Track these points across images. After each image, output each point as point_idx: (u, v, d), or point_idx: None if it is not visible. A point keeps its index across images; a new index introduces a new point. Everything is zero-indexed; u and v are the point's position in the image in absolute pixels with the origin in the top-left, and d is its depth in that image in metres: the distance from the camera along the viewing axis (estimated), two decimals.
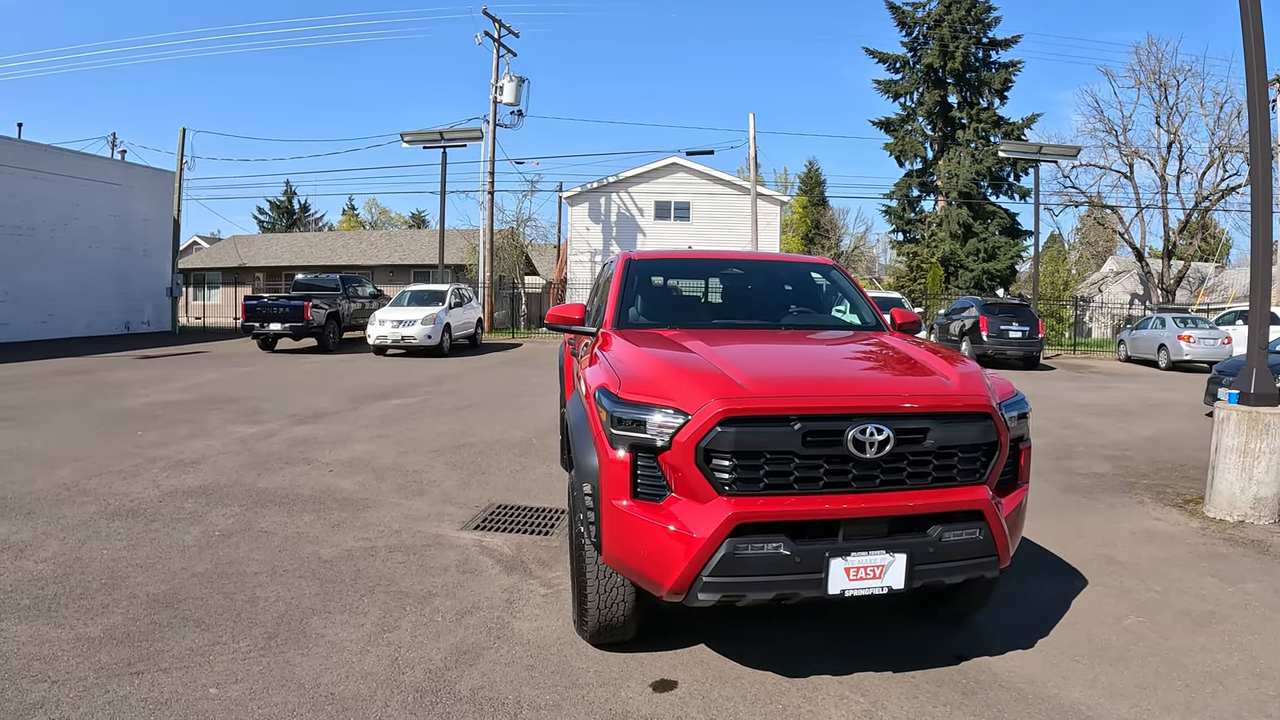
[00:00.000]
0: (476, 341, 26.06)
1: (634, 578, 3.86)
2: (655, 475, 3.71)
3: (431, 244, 46.54)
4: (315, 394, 14.20)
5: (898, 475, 3.71)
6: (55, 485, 7.48)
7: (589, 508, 3.96)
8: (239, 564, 5.56)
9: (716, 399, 3.60)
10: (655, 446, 3.67)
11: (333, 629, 4.58)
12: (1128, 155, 42.32)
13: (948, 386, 3.97)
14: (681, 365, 4.15)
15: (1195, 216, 42.41)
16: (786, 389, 3.83)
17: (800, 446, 3.58)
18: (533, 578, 5.49)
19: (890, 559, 3.62)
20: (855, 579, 3.60)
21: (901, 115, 47.89)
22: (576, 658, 4.28)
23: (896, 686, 4.00)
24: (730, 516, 3.51)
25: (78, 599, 4.86)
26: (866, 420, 3.60)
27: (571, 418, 4.61)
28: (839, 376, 4.40)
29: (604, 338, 5.25)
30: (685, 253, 7.84)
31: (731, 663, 4.24)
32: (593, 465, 3.94)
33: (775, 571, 3.56)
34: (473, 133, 30.68)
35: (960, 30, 44.43)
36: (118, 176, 29.45)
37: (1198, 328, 25.25)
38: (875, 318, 5.93)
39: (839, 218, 69.17)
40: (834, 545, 3.61)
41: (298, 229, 73.51)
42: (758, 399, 3.65)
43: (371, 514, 6.89)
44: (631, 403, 3.78)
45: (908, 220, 48.86)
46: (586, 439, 4.13)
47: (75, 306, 26.81)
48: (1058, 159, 35.15)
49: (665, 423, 3.65)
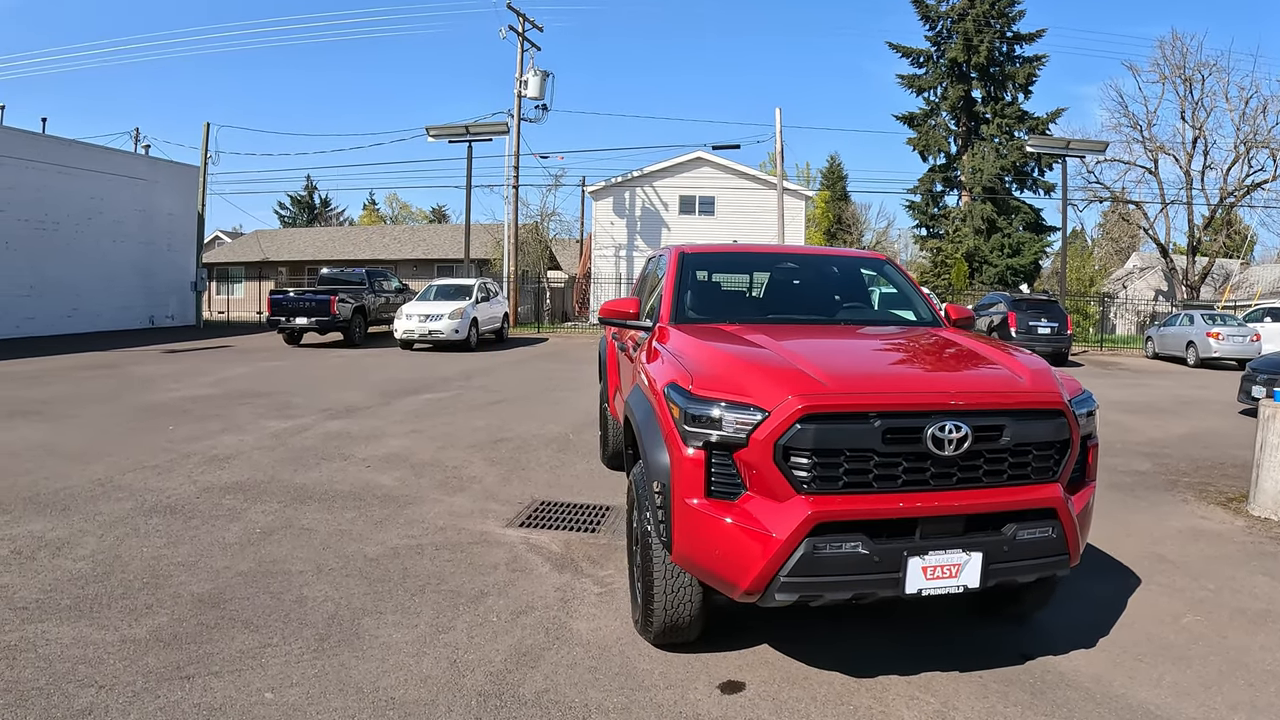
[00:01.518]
0: (503, 336, 25.91)
1: (706, 578, 3.79)
2: (730, 473, 3.64)
3: (454, 238, 46.49)
4: (345, 389, 14.07)
5: (974, 473, 3.65)
6: (89, 481, 7.36)
7: (659, 506, 3.89)
8: (283, 562, 5.42)
9: (796, 396, 3.53)
10: (731, 444, 3.60)
11: (386, 630, 4.44)
12: (1153, 150, 41.82)
13: (1021, 383, 3.90)
14: (755, 360, 4.06)
15: (1220, 212, 41.84)
16: (866, 385, 3.77)
17: (880, 444, 3.52)
18: (584, 576, 5.37)
19: (966, 558, 3.57)
20: (932, 578, 3.56)
21: (925, 110, 47.53)
22: (640, 659, 4.17)
23: (965, 686, 3.93)
24: (810, 515, 3.44)
25: (120, 599, 4.72)
26: (945, 417, 3.55)
27: (637, 414, 4.47)
28: (915, 373, 4.31)
29: (662, 332, 5.16)
30: (738, 246, 7.72)
31: (798, 663, 4.14)
32: (663, 463, 3.85)
33: (853, 571, 3.51)
34: (498, 127, 30.54)
35: (984, 24, 44.02)
36: (142, 171, 29.43)
37: (1226, 325, 24.93)
38: (932, 313, 5.82)
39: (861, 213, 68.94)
40: (912, 544, 3.56)
41: (319, 224, 73.65)
42: (838, 395, 3.58)
43: (414, 511, 6.75)
44: (706, 399, 3.70)
45: (931, 216, 48.49)
46: (655, 436, 4.03)
47: (100, 301, 26.80)
48: (1085, 154, 34.67)
49: (742, 419, 3.58)
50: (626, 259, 37.58)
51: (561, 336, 29.99)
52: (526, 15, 33.04)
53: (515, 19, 32.88)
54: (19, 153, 24.33)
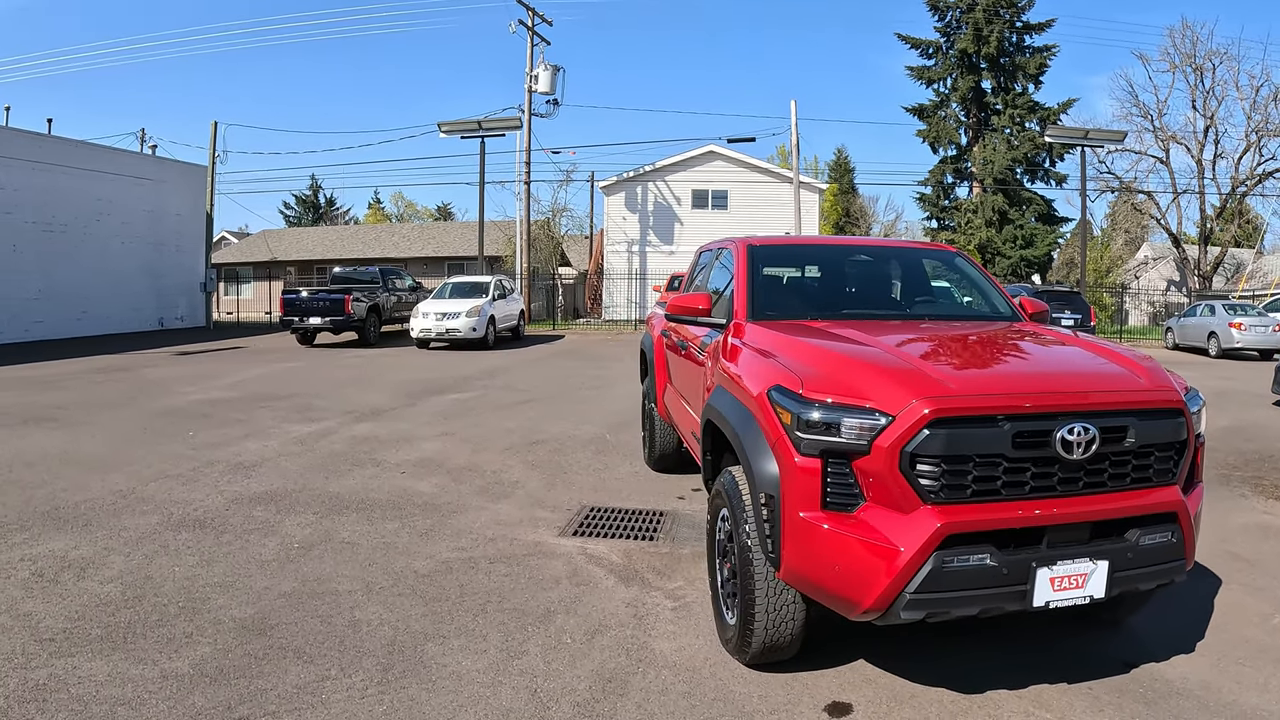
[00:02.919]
0: (519, 334, 25.50)
1: (819, 595, 3.52)
2: (847, 482, 3.39)
3: (463, 236, 46.12)
4: (366, 390, 13.68)
5: (1099, 477, 3.46)
6: (110, 492, 6.98)
7: (765, 519, 3.61)
8: (328, 581, 5.03)
9: (923, 399, 3.29)
10: (850, 451, 3.36)
11: (453, 656, 4.07)
12: (1164, 140, 41.33)
13: (1142, 382, 3.71)
14: (867, 360, 3.80)
15: (1231, 202, 41.36)
16: (993, 386, 3.54)
17: (1009, 449, 3.30)
18: (653, 589, 5.02)
19: (1092, 566, 3.39)
20: (1059, 589, 3.36)
21: (935, 102, 47.07)
22: (734, 681, 3.87)
23: (1078, 699, 3.73)
24: (941, 527, 3.21)
25: (155, 627, 4.33)
26: (1073, 419, 3.36)
27: (731, 418, 4.14)
28: (1038, 373, 3.98)
29: (739, 328, 4.89)
30: (806, 239, 7.43)
31: (902, 680, 3.90)
32: (771, 472, 3.58)
33: (981, 585, 3.29)
34: (511, 122, 30.13)
35: (993, 15, 43.55)
36: (149, 171, 28.99)
37: (1248, 315, 24.63)
38: (1011, 307, 5.54)
39: (869, 205, 68.47)
40: (1039, 554, 3.35)
41: (324, 223, 73.24)
42: (966, 398, 3.35)
43: (458, 520, 6.37)
44: (821, 403, 3.44)
45: (942, 208, 48.06)
46: (759, 442, 3.73)
47: (109, 303, 26.37)
48: (1103, 143, 34.21)
49: (864, 425, 3.33)
50: (640, 254, 37.16)
51: (577, 334, 29.59)
52: (536, 9, 32.65)
53: (525, 13, 32.50)
54: (25, 154, 23.93)
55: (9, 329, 23.04)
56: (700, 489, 7.36)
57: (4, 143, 23.71)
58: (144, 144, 35.60)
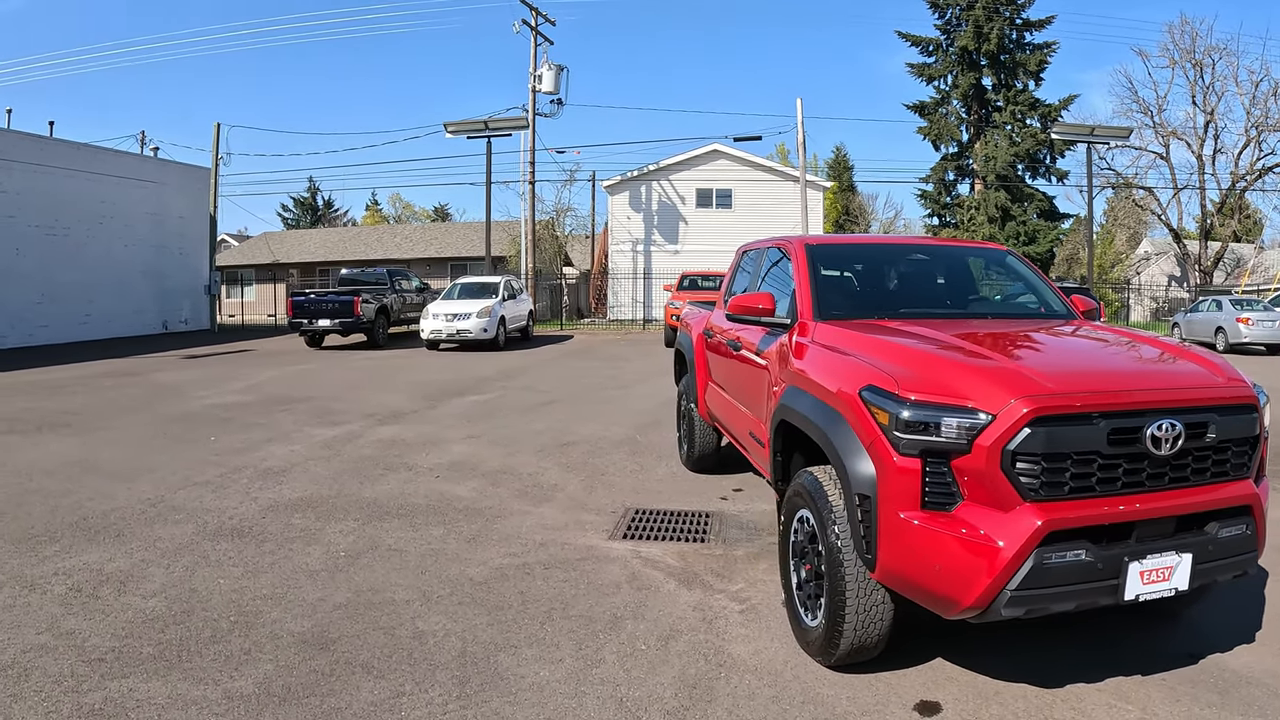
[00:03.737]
0: (528, 334, 25.33)
1: (916, 594, 3.54)
2: (944, 481, 3.41)
3: (465, 236, 45.92)
4: (383, 392, 13.50)
5: (1183, 472, 3.53)
6: (139, 501, 6.78)
7: (860, 520, 3.60)
8: (383, 590, 4.85)
9: (1023, 397, 3.32)
10: (950, 450, 3.37)
11: (529, 667, 3.92)
12: (1164, 136, 41.32)
13: (1219, 379, 3.78)
14: (960, 360, 3.81)
15: (1231, 197, 41.29)
16: (1089, 385, 3.54)
17: (1105, 445, 3.35)
18: (716, 592, 4.91)
19: (1178, 559, 3.44)
20: (1148, 583, 3.41)
21: (936, 99, 46.82)
22: (819, 684, 3.82)
23: (1155, 691, 3.77)
24: (1043, 524, 3.24)
25: (210, 644, 4.12)
26: (1162, 415, 3.42)
27: (815, 418, 4.08)
28: (1124, 371, 4.02)
29: (807, 328, 4.86)
30: (860, 237, 7.38)
31: (983, 677, 3.88)
32: (867, 472, 3.57)
33: (1078, 580, 3.33)
34: (517, 121, 29.93)
35: (993, 12, 43.38)
36: (152, 174, 28.76)
37: (1255, 310, 24.68)
38: (1065, 305, 5.62)
39: (868, 203, 68.35)
40: (1130, 548, 3.41)
41: (322, 225, 73.01)
42: (1065, 396, 3.38)
43: (504, 525, 6.22)
44: (922, 403, 3.45)
45: (944, 205, 47.84)
46: (851, 442, 3.72)
47: (112, 306, 26.15)
48: (1109, 140, 34.08)
49: (965, 424, 3.35)
50: (644, 254, 36.98)
51: (585, 334, 29.41)
52: (539, 9, 32.43)
53: (528, 13, 32.26)
54: (28, 157, 23.74)
55: (13, 334, 22.86)
56: (742, 489, 7.28)
57: (7, 146, 23.54)
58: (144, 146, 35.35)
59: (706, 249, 35.39)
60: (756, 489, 7.29)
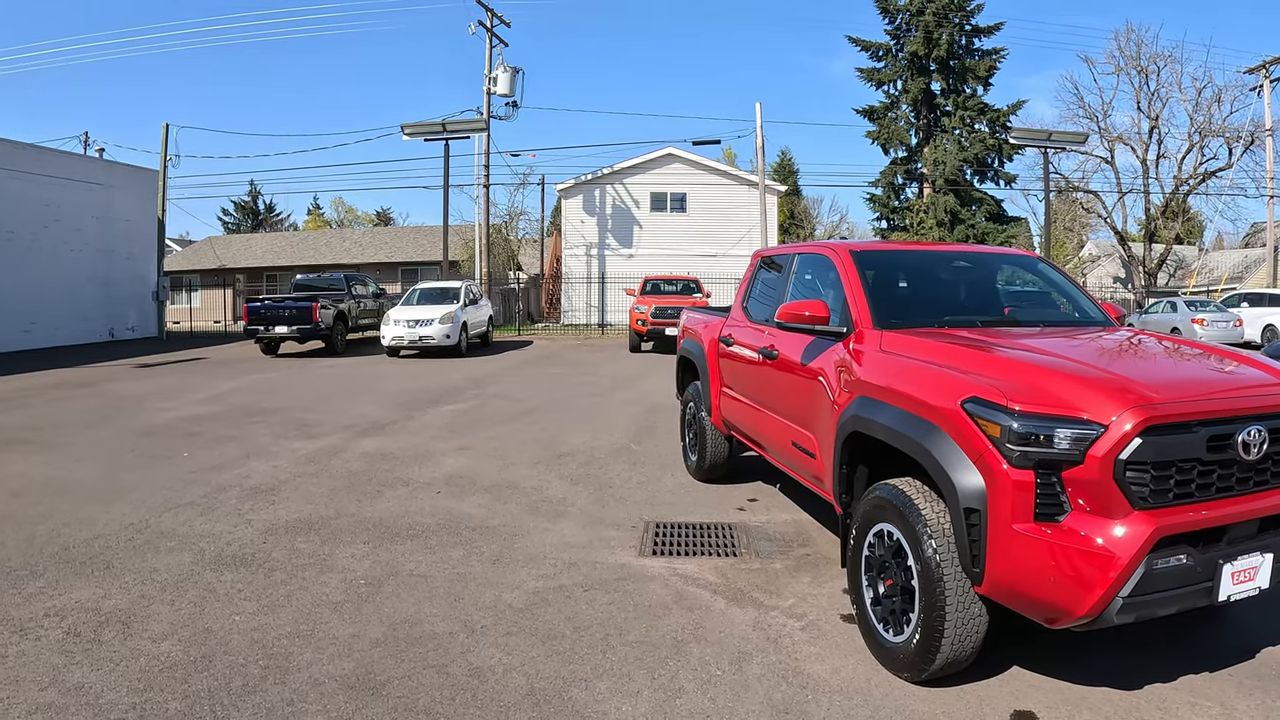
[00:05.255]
0: (488, 340, 24.89)
1: (1026, 606, 3.54)
2: (1054, 492, 3.44)
3: (415, 240, 45.28)
4: (355, 401, 13.06)
5: (1264, 475, 3.64)
6: (122, 526, 6.31)
7: (967, 534, 3.59)
8: (420, 623, 4.52)
9: (1133, 408, 3.37)
10: (1063, 461, 3.40)
11: (609, 701, 3.68)
12: (1109, 141, 42.04)
13: None
14: (1062, 370, 3.81)
15: (1175, 200, 42.19)
16: (1188, 394, 3.64)
17: (1204, 452, 3.45)
18: (769, 609, 4.76)
19: (1262, 559, 3.55)
20: (1237, 583, 3.51)
21: (885, 103, 47.23)
22: (911, 700, 3.76)
23: (1226, 686, 3.89)
24: (1155, 531, 3.31)
25: (245, 695, 3.69)
26: (1250, 422, 3.53)
27: (907, 430, 3.98)
28: (1214, 380, 4.02)
29: (866, 337, 4.78)
30: (902, 244, 7.29)
31: (1065, 683, 3.92)
32: (975, 485, 3.55)
33: (1181, 584, 3.43)
34: (475, 124, 29.40)
35: (943, 18, 43.87)
36: (99, 175, 27.58)
37: (1209, 311, 25.22)
38: (1102, 312, 5.70)
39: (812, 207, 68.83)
40: (1224, 551, 3.51)
41: (264, 229, 71.55)
42: (1171, 405, 3.47)
43: (525, 544, 5.94)
44: (1033, 414, 3.45)
45: (893, 208, 48.29)
46: (954, 456, 3.68)
47: (59, 314, 25.02)
48: (1065, 145, 34.61)
49: (1078, 435, 3.38)
50: (598, 258, 36.65)
51: (544, 339, 28.97)
52: (495, 10, 31.97)
53: (484, 14, 31.82)
54: None
55: None
56: (756, 499, 7.12)
57: None
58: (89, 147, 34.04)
59: (661, 252, 35.25)
60: (771, 499, 7.10)
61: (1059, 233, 53.99)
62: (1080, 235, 51.90)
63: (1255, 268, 44.13)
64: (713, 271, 32.79)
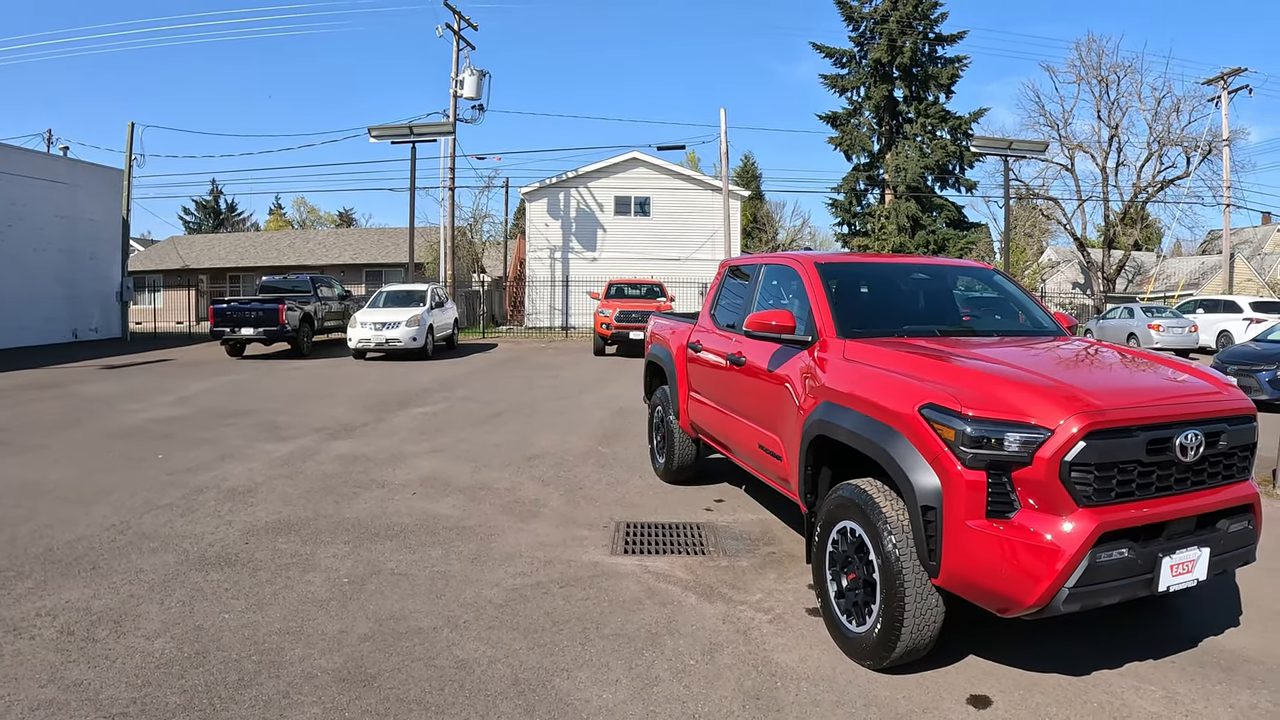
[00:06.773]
0: (453, 343, 24.98)
1: (978, 596, 3.81)
2: (1004, 491, 3.71)
3: (379, 242, 45.14)
4: (325, 404, 13.18)
5: (1201, 476, 3.95)
6: (103, 527, 6.42)
7: (924, 530, 3.86)
8: (405, 618, 4.73)
9: (1077, 414, 3.64)
10: (1013, 462, 3.66)
11: (588, 690, 3.91)
12: (1070, 148, 42.78)
13: (1226, 394, 4.19)
14: (1012, 379, 4.05)
15: (1134, 208, 43.03)
16: (1129, 400, 3.92)
17: (1144, 455, 3.73)
18: (738, 604, 5.02)
19: (1199, 553, 3.85)
20: (1176, 575, 3.81)
21: (848, 110, 47.80)
22: (874, 686, 4.02)
23: (1170, 672, 4.18)
24: (1098, 526, 3.58)
25: (241, 688, 3.86)
26: (1187, 427, 3.84)
27: (867, 434, 4.26)
28: (1155, 388, 4.32)
29: (829, 345, 5.02)
30: (864, 256, 7.48)
31: (1016, 669, 4.20)
32: (931, 484, 3.83)
33: (1123, 575, 3.71)
34: (442, 126, 29.42)
35: (907, 26, 44.51)
36: (63, 174, 27.32)
37: (1165, 317, 25.74)
38: (1055, 322, 5.96)
39: (774, 212, 69.32)
40: (1163, 545, 3.80)
41: (225, 229, 70.89)
42: (1113, 412, 3.73)
43: (501, 543, 6.15)
44: (988, 420, 3.71)
45: (854, 214, 48.89)
46: (912, 457, 3.95)
47: (22, 314, 24.76)
48: (1026, 153, 35.19)
49: (1027, 439, 3.64)
50: (562, 261, 36.83)
51: (509, 342, 29.09)
52: (462, 13, 32.04)
53: (451, 16, 31.87)
54: None
55: None
56: (723, 500, 7.38)
57: None
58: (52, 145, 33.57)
59: (625, 256, 35.48)
60: (737, 500, 7.35)
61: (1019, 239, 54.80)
62: (1040, 241, 52.71)
63: (1211, 274, 45.08)
64: (676, 275, 33.10)
